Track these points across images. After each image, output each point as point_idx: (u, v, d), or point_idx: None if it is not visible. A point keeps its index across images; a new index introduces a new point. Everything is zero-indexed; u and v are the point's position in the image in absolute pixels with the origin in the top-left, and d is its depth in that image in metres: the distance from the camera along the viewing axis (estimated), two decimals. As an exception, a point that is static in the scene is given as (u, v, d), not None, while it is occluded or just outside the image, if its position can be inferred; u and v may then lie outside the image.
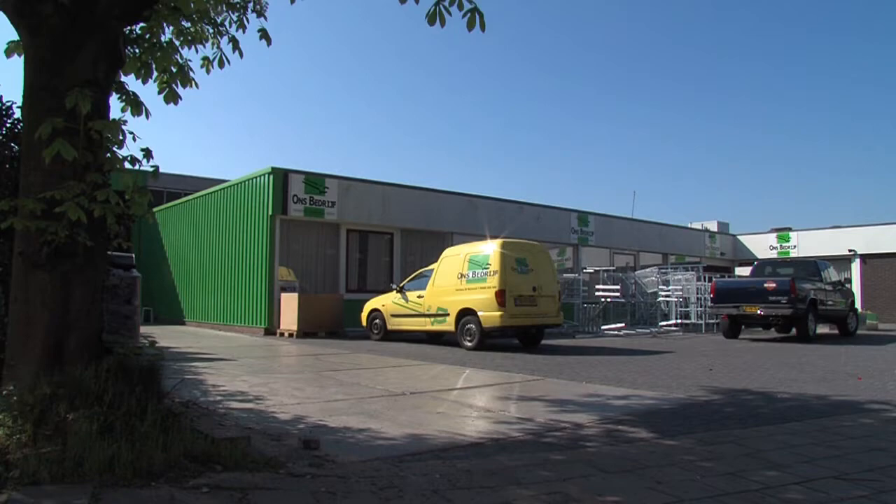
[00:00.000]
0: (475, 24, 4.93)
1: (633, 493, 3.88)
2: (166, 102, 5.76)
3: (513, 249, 14.73)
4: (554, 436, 5.60)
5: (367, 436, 5.43)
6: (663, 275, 24.50)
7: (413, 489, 3.86)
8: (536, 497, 3.75)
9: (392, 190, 21.37)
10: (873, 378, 9.85)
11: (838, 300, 20.53)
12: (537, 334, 15.36)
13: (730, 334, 19.39)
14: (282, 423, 5.87)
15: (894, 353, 14.77)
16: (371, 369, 10.61)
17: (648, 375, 9.94)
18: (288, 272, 19.17)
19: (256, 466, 4.15)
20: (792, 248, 34.18)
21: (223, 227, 21.08)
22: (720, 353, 14.35)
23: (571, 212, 26.95)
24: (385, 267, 21.44)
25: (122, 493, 3.49)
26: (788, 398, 7.90)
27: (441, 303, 15.22)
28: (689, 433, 5.67)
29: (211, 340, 16.17)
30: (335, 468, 4.33)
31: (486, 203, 23.70)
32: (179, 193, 27.74)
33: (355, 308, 18.09)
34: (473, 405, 7.33)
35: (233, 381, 8.65)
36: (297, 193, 18.85)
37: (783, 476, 4.28)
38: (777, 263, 23.55)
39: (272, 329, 18.20)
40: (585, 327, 22.19)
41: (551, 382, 9.11)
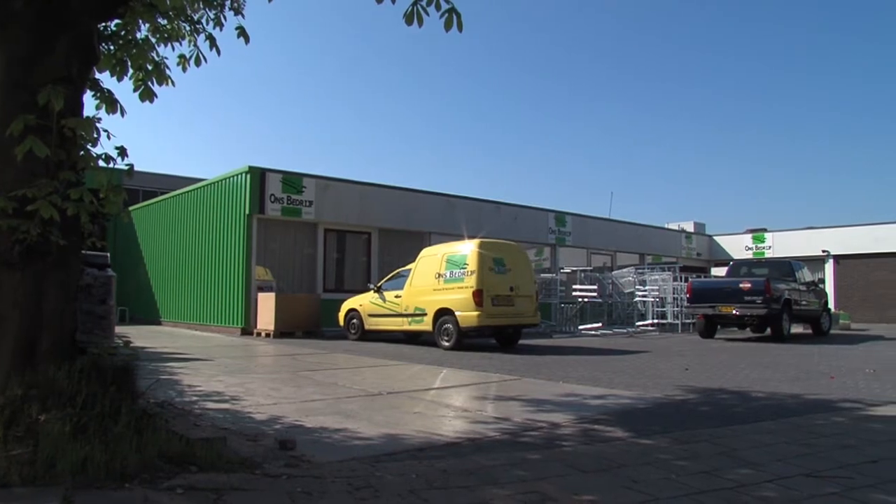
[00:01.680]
0: (453, 24, 4.92)
1: (609, 491, 3.90)
2: (142, 100, 5.70)
3: (490, 249, 14.75)
4: (531, 435, 5.61)
5: (343, 436, 5.41)
6: (640, 275, 24.65)
7: (389, 489, 3.85)
8: (513, 497, 3.75)
9: (370, 189, 21.32)
10: (845, 377, 9.96)
11: (812, 300, 20.77)
12: (514, 334, 15.39)
13: (706, 334, 19.53)
14: (258, 423, 5.85)
15: (866, 352, 14.96)
16: (348, 369, 10.58)
17: (625, 375, 9.99)
18: (265, 272, 19.08)
19: (232, 467, 4.12)
20: (767, 249, 34.55)
21: (200, 226, 20.94)
22: (696, 352, 14.46)
23: (549, 212, 27.04)
24: (363, 267, 21.40)
25: (95, 495, 3.45)
26: (763, 397, 7.98)
27: (418, 303, 15.22)
28: (664, 432, 5.70)
29: (187, 340, 16.05)
30: (311, 468, 4.31)
31: (463, 203, 23.73)
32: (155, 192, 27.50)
33: (333, 308, 18.03)
34: (450, 405, 7.33)
35: (209, 381, 8.60)
36: (274, 193, 18.76)
37: (757, 474, 4.32)
38: (752, 264, 23.75)
39: (249, 329, 18.10)
40: (562, 327, 22.29)
41: (528, 382, 9.13)
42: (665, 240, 33.74)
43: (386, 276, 17.41)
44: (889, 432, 5.84)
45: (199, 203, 21.20)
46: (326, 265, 20.50)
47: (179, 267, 22.06)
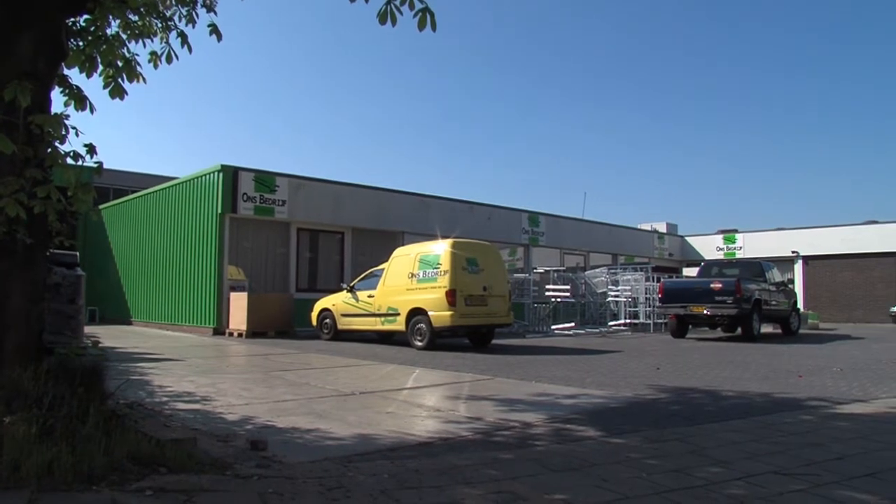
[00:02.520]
0: (426, 23, 4.92)
1: (580, 490, 3.92)
2: (112, 97, 5.63)
3: (463, 249, 14.76)
4: (503, 435, 5.63)
5: (315, 436, 5.39)
6: (613, 275, 24.79)
7: (361, 489, 3.83)
8: (484, 496, 3.75)
9: (343, 189, 21.25)
10: (813, 376, 10.09)
11: (782, 300, 21.01)
12: (488, 334, 15.41)
13: (677, 334, 19.70)
14: (229, 423, 5.80)
15: (833, 351, 15.17)
16: (320, 369, 10.54)
17: (597, 375, 10.04)
18: (237, 271, 18.94)
19: (202, 468, 4.08)
20: (738, 250, 34.94)
21: (171, 225, 20.73)
22: (667, 352, 14.56)
23: (522, 212, 27.11)
24: (336, 266, 21.32)
25: (62, 498, 3.40)
26: (733, 396, 8.06)
27: (391, 302, 15.19)
28: (635, 431, 5.74)
29: (158, 340, 15.89)
30: (283, 469, 4.29)
31: (437, 203, 23.73)
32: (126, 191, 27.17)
33: (305, 307, 17.93)
34: (423, 405, 7.33)
35: (180, 381, 8.52)
36: (246, 192, 18.63)
37: (726, 472, 4.36)
38: (723, 264, 24.01)
39: (221, 329, 17.96)
40: (535, 327, 22.34)
41: (501, 382, 9.15)
42: (638, 240, 33.99)
43: (359, 276, 17.35)
44: (855, 430, 5.92)
45: (170, 202, 20.99)
46: (299, 265, 20.41)
47: (151, 266, 21.82)
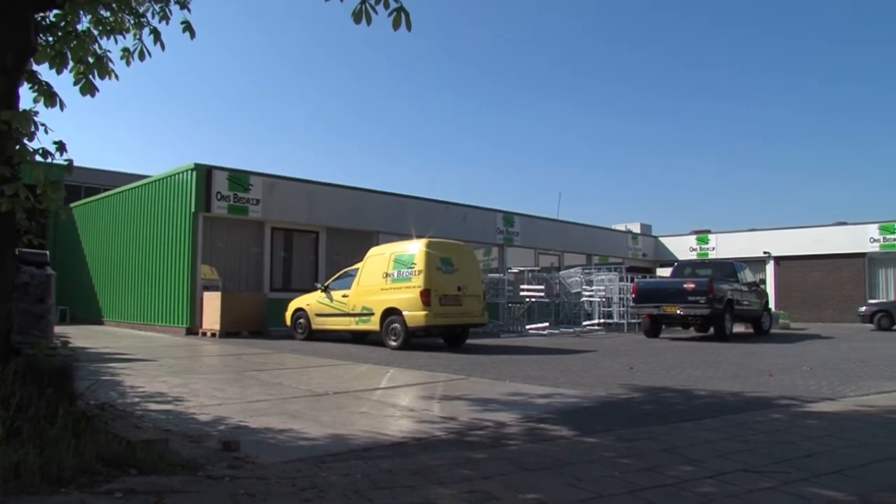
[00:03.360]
0: (401, 23, 4.93)
1: (553, 489, 3.93)
2: (82, 94, 5.57)
3: (438, 249, 14.76)
4: (477, 435, 5.63)
5: (288, 436, 5.37)
6: (587, 275, 24.93)
7: (334, 490, 3.82)
8: (457, 496, 3.75)
9: (318, 188, 21.18)
10: (784, 375, 10.21)
11: (753, 300, 21.25)
12: (462, 334, 15.42)
13: (651, 333, 19.85)
14: (201, 424, 5.76)
15: (803, 350, 15.36)
16: (294, 369, 10.50)
17: (571, 374, 10.08)
18: (211, 270, 18.80)
19: (174, 469, 4.04)
20: (711, 250, 35.28)
21: (144, 224, 20.53)
22: (641, 352, 14.66)
23: (497, 212, 27.15)
24: (310, 266, 21.24)
25: (29, 501, 3.34)
26: (705, 395, 8.13)
27: (366, 302, 15.15)
28: (609, 430, 5.77)
29: (130, 340, 15.73)
30: (255, 470, 4.26)
31: (412, 202, 23.70)
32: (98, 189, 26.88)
33: (280, 307, 17.83)
34: (397, 405, 7.32)
35: (152, 382, 8.44)
36: (220, 190, 18.50)
37: (697, 470, 4.40)
38: (696, 264, 24.25)
39: (194, 329, 17.82)
40: (510, 327, 22.39)
41: (475, 382, 9.16)
42: (612, 240, 34.19)
43: (333, 276, 17.29)
44: (823, 428, 6.00)
45: (143, 200, 20.79)
46: (273, 264, 20.31)
47: (123, 265, 21.60)
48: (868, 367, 11.38)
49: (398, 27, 4.95)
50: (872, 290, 31.48)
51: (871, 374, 10.47)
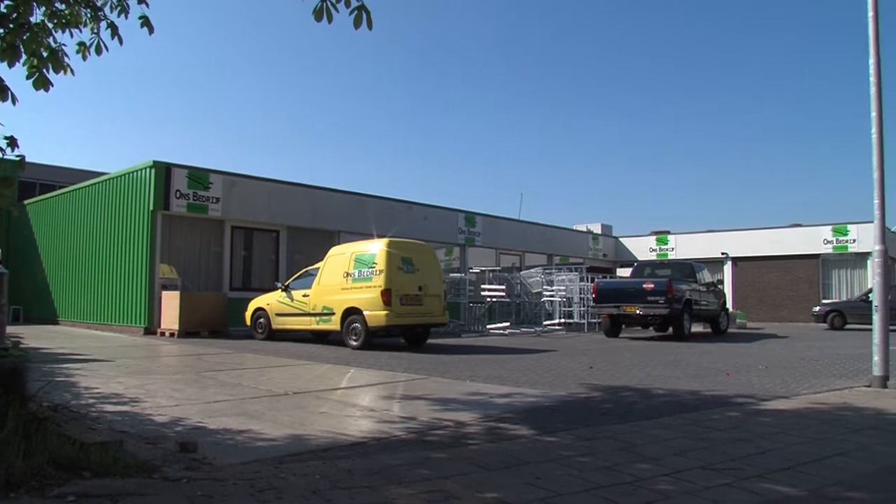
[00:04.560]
0: (362, 21, 4.92)
1: (512, 488, 3.94)
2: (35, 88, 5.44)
3: (399, 249, 14.75)
4: (436, 434, 5.63)
5: (247, 437, 5.32)
6: (548, 275, 25.04)
7: (292, 490, 3.79)
8: (416, 496, 3.75)
9: (279, 187, 21.02)
10: (740, 373, 10.38)
11: (711, 300, 21.55)
12: (423, 333, 15.43)
13: (611, 333, 20.03)
14: (158, 425, 5.68)
15: (760, 349, 15.63)
16: (254, 369, 10.41)
17: (531, 374, 10.13)
18: (170, 269, 18.56)
19: (129, 471, 3.98)
20: (670, 251, 35.71)
21: (101, 222, 20.17)
22: (601, 351, 14.79)
23: (459, 212, 27.19)
24: (271, 265, 21.05)
25: (-23, 504, 3.28)
26: (663, 394, 8.23)
27: (326, 302, 15.08)
28: (568, 429, 5.80)
29: (86, 341, 15.45)
30: (213, 471, 4.21)
31: (374, 202, 23.62)
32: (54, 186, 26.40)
33: (240, 307, 17.67)
34: (357, 405, 7.30)
35: (108, 382, 8.31)
36: (179, 188, 18.26)
37: (655, 468, 4.45)
38: (655, 265, 24.47)
39: (152, 328, 17.56)
40: (471, 326, 22.44)
41: (435, 381, 9.16)
42: (573, 241, 34.42)
43: (294, 275, 17.18)
44: (777, 425, 6.11)
45: (100, 198, 20.43)
46: (233, 263, 20.09)
47: (79, 264, 21.20)
48: (821, 366, 11.61)
49: (359, 26, 4.93)
50: (826, 290, 32.11)
51: (823, 372, 10.69)
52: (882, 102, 8.82)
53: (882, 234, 8.79)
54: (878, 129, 8.78)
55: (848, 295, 30.57)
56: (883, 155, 8.75)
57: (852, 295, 29.73)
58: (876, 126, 8.79)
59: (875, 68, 8.84)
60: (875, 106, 8.80)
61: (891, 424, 6.30)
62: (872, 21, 8.84)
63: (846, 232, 31.33)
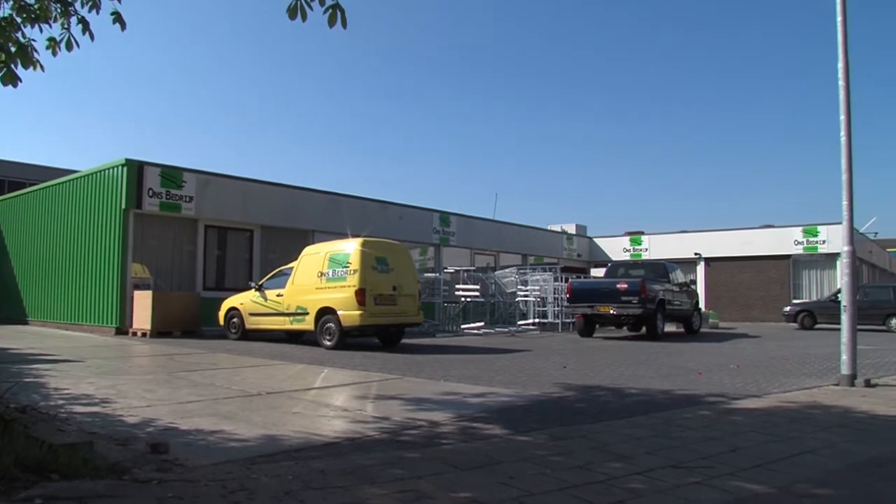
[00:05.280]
0: (336, 20, 4.90)
1: (486, 488, 3.95)
2: (3, 84, 5.38)
3: (373, 248, 14.72)
4: (410, 434, 5.63)
5: (219, 438, 5.28)
6: (522, 275, 25.11)
7: (264, 491, 3.77)
8: (389, 495, 3.75)
9: (253, 186, 20.89)
10: (712, 373, 10.48)
11: (684, 300, 21.74)
12: (397, 333, 15.41)
13: (584, 333, 20.12)
14: (129, 426, 5.62)
15: (731, 349, 15.78)
16: (227, 369, 10.34)
17: (505, 373, 10.16)
18: (142, 269, 18.37)
19: (98, 473, 3.93)
20: (644, 251, 35.95)
21: (72, 220, 19.91)
22: (575, 351, 14.86)
23: (434, 212, 27.19)
24: (244, 264, 20.91)
25: (-58, 508, 3.23)
26: (636, 393, 8.29)
27: (300, 301, 15.02)
28: (541, 429, 5.83)
29: (56, 341, 15.26)
30: (184, 472, 4.18)
31: (348, 201, 23.55)
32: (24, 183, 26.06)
33: (213, 306, 17.53)
34: (330, 405, 7.28)
35: (78, 383, 8.21)
36: (152, 187, 18.08)
37: (627, 467, 4.48)
38: (629, 265, 24.64)
39: (124, 328, 17.38)
40: (445, 326, 22.46)
41: (409, 381, 9.16)
42: (547, 241, 34.55)
43: (268, 275, 17.09)
44: (748, 424, 6.18)
45: (71, 196, 20.16)
46: (207, 263, 19.93)
47: (49, 263, 20.91)
48: (791, 365, 11.75)
49: (333, 24, 4.92)
50: (797, 290, 32.50)
51: (793, 371, 10.82)
52: (850, 106, 8.94)
53: (850, 236, 8.91)
54: (846, 133, 8.90)
55: (818, 295, 30.96)
56: (851, 158, 8.88)
57: (822, 295, 30.10)
58: (845, 129, 8.91)
59: (843, 72, 8.96)
60: (844, 109, 8.92)
61: (857, 422, 6.39)
62: (841, 26, 8.96)
63: (816, 233, 31.73)
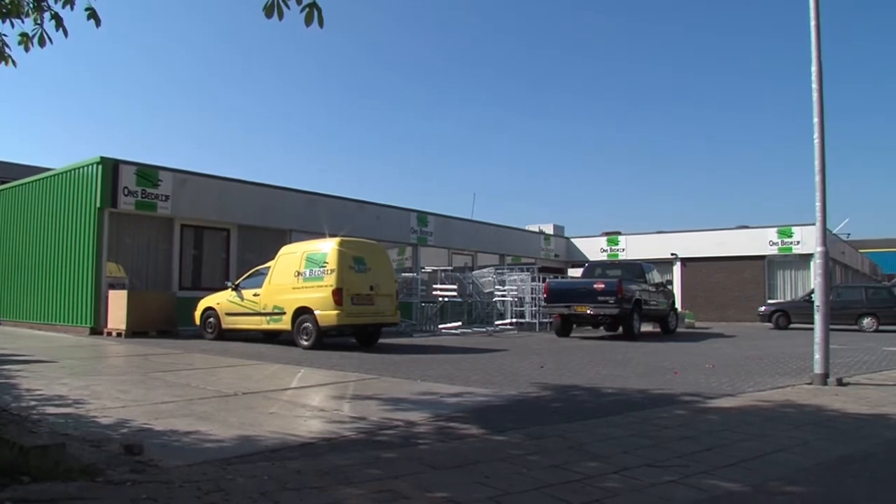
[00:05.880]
0: (313, 19, 4.88)
1: (462, 487, 3.96)
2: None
3: (351, 248, 14.69)
4: (387, 434, 5.63)
5: (194, 438, 5.24)
6: (500, 275, 25.14)
7: (240, 492, 3.75)
8: (366, 496, 3.74)
9: (229, 185, 20.77)
10: (688, 372, 10.56)
11: (660, 300, 21.88)
12: (374, 333, 15.38)
13: (562, 333, 20.19)
14: (103, 427, 5.57)
15: (707, 349, 15.91)
16: (203, 370, 10.27)
17: (482, 373, 10.17)
18: (117, 268, 18.20)
19: (71, 475, 3.89)
20: (621, 251, 36.14)
21: (46, 219, 19.65)
22: (552, 351, 14.90)
23: (411, 212, 27.17)
24: (221, 264, 20.78)
25: None
26: (613, 393, 8.33)
27: (277, 301, 14.95)
28: (518, 428, 5.84)
29: (29, 341, 15.07)
30: (159, 473, 4.15)
31: (326, 201, 23.47)
32: (-5, 181, 25.69)
33: (189, 306, 17.39)
34: (307, 405, 7.26)
35: (51, 384, 8.12)
36: (128, 185, 17.91)
37: (603, 466, 4.51)
38: (606, 265, 24.75)
39: (99, 328, 17.21)
40: (423, 326, 22.44)
41: (386, 381, 9.15)
42: (525, 241, 34.64)
43: (244, 274, 16.99)
44: (723, 423, 6.24)
45: (45, 194, 19.90)
46: (183, 262, 19.78)
47: (22, 262, 20.65)
48: (765, 364, 11.86)
49: (310, 23, 4.90)
50: (771, 290, 32.80)
51: (767, 370, 10.92)
52: (824, 109, 9.05)
53: (823, 237, 9.01)
54: (819, 135, 9.00)
55: (792, 295, 31.26)
56: (825, 160, 8.98)
57: (796, 295, 30.39)
58: (818, 131, 9.01)
59: (817, 76, 9.06)
60: (817, 112, 9.02)
61: (829, 420, 6.47)
62: (815, 31, 9.06)
63: (790, 234, 32.04)
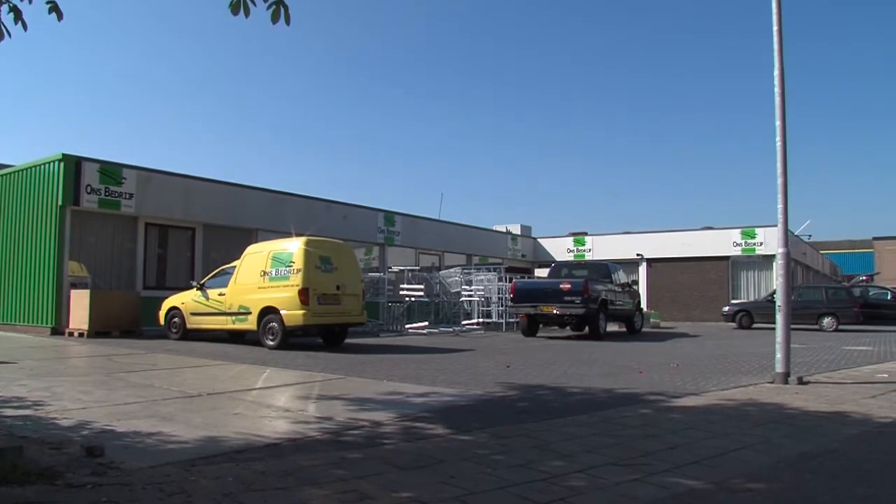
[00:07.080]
0: (279, 16, 4.87)
1: (427, 487, 3.96)
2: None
3: (317, 247, 14.63)
4: (352, 434, 5.62)
5: (157, 440, 5.19)
6: (466, 275, 25.18)
7: (203, 494, 3.73)
8: (331, 496, 3.74)
9: (195, 183, 20.57)
10: (653, 372, 10.67)
11: (626, 300, 22.07)
12: (341, 333, 15.34)
13: (528, 333, 20.28)
14: (63, 429, 5.49)
15: (672, 348, 16.09)
16: (167, 370, 10.17)
17: (448, 373, 10.19)
18: (79, 267, 17.93)
19: (29, 479, 3.83)
20: (587, 252, 36.37)
21: (5, 216, 19.24)
22: (518, 350, 14.98)
23: (378, 211, 27.11)
24: (186, 263, 20.55)
25: None
26: (578, 392, 8.39)
27: (243, 301, 14.84)
28: (484, 428, 5.86)
29: (-14, 341, 14.82)
30: (120, 476, 4.10)
31: (293, 200, 23.34)
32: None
33: (153, 306, 17.18)
34: (272, 405, 7.22)
35: (9, 385, 7.98)
36: (90, 183, 17.65)
37: (568, 465, 4.54)
38: (573, 265, 24.92)
39: (60, 328, 16.93)
40: (390, 326, 22.44)
41: (352, 381, 9.13)
42: (492, 241, 34.72)
43: (210, 274, 16.84)
44: (687, 421, 6.32)
45: (4, 192, 19.47)
46: (147, 261, 19.53)
47: (-20, 261, 20.26)
48: (729, 364, 12.02)
49: (276, 20, 4.88)
50: (735, 290, 33.21)
51: (731, 369, 11.07)
52: (786, 112, 9.18)
53: (785, 238, 9.15)
54: (781, 138, 9.14)
55: (755, 295, 31.65)
56: (786, 162, 9.12)
57: (759, 295, 30.79)
58: (780, 135, 9.15)
59: (779, 80, 9.20)
60: (779, 115, 9.15)
61: (790, 418, 6.58)
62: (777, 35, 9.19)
63: (754, 235, 32.48)
